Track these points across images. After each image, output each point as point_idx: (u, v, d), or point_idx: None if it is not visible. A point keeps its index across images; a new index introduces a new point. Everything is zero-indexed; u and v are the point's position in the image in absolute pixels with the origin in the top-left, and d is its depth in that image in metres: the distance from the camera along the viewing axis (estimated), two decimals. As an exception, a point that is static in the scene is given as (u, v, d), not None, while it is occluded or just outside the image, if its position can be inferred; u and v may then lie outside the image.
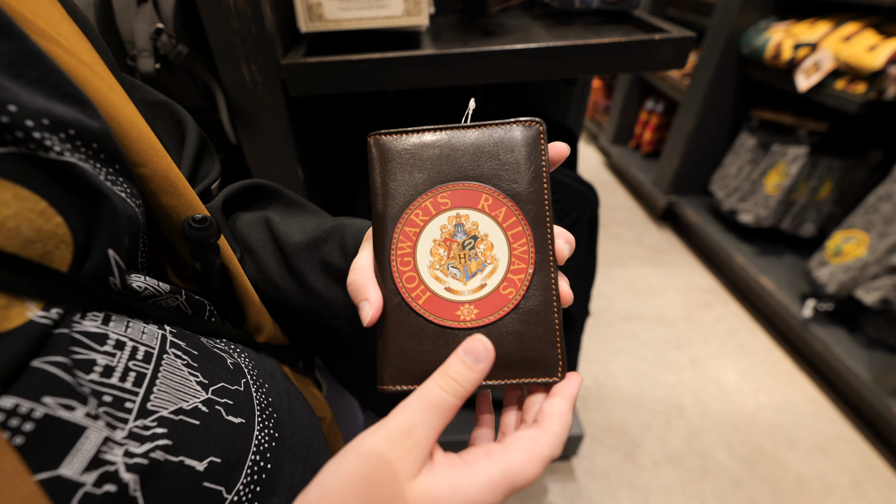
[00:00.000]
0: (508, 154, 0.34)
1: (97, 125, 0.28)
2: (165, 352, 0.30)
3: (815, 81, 1.55)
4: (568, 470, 1.37)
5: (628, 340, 1.80)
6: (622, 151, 2.91)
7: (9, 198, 0.22)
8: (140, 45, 0.60)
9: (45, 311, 0.24)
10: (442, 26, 0.84)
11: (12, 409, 0.21)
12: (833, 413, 1.52)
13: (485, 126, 0.35)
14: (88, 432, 0.23)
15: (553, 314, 0.33)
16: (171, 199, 0.35)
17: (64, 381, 0.23)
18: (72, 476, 0.22)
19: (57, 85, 0.26)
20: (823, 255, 1.60)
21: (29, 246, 0.23)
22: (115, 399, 0.25)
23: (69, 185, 0.25)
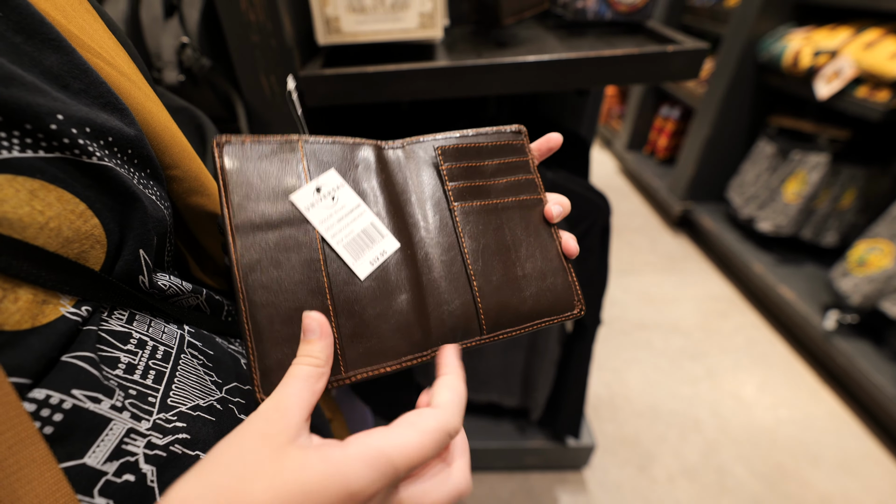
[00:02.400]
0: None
1: (133, 132, 0.31)
2: (183, 352, 0.32)
3: (835, 89, 1.55)
4: (579, 481, 1.37)
5: (642, 349, 1.79)
6: (637, 157, 2.92)
7: (53, 200, 0.25)
8: (166, 57, 0.64)
9: (77, 307, 0.26)
10: (456, 37, 0.86)
11: (44, 400, 0.23)
12: (858, 429, 1.48)
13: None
14: (113, 424, 0.25)
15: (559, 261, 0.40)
16: (201, 198, 0.39)
17: (92, 375, 0.25)
18: (95, 465, 0.24)
19: (99, 95, 0.29)
20: (846, 265, 1.58)
21: (67, 245, 0.26)
22: (139, 393, 0.28)
23: (106, 188, 0.28)
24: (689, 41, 0.74)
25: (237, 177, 0.32)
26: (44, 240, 0.24)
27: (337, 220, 0.34)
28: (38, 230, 0.24)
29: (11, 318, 0.23)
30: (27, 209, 0.24)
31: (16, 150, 0.24)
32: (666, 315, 1.95)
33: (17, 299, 0.23)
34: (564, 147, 1.10)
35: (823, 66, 1.58)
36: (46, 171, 0.25)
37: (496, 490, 1.35)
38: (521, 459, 1.36)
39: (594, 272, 1.03)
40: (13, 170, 0.23)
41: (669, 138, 2.70)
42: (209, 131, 0.48)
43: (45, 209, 0.24)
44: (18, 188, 0.23)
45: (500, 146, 0.42)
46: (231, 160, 0.32)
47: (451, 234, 0.38)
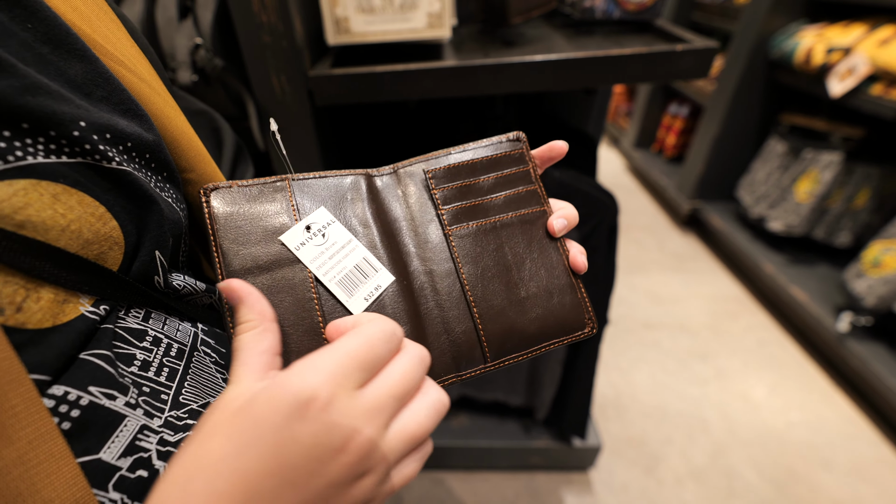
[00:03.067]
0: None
1: (152, 137, 0.33)
2: (196, 349, 0.34)
3: (849, 86, 1.54)
4: (585, 482, 1.38)
5: (649, 349, 1.79)
6: (644, 155, 2.92)
7: (74, 203, 0.26)
8: (180, 58, 0.66)
9: (95, 307, 0.27)
10: (464, 37, 0.88)
11: (62, 396, 0.24)
12: (872, 434, 1.47)
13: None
14: (127, 420, 0.26)
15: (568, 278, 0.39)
16: None
17: (108, 372, 0.26)
18: (109, 460, 0.25)
19: (120, 101, 0.31)
20: (860, 266, 1.56)
21: (87, 247, 0.27)
22: (153, 391, 0.29)
23: (124, 192, 0.29)
24: (699, 40, 0.75)
25: (226, 222, 0.33)
26: (65, 242, 0.26)
27: (328, 258, 0.34)
28: (60, 232, 0.25)
29: (34, 318, 0.24)
30: (50, 212, 0.25)
31: (40, 155, 0.25)
32: (673, 315, 1.95)
33: (39, 299, 0.24)
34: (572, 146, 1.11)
35: (837, 63, 1.58)
36: (69, 175, 0.26)
37: (501, 490, 1.36)
38: (527, 459, 1.37)
39: (601, 271, 1.04)
40: (38, 175, 0.25)
41: (678, 136, 2.70)
42: (226, 134, 0.50)
43: (67, 212, 0.26)
44: (42, 192, 0.25)
45: (496, 158, 0.40)
46: (219, 207, 0.33)
47: (447, 259, 0.37)
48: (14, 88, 0.24)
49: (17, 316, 0.23)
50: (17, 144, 0.24)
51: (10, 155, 0.24)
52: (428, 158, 0.40)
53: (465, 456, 1.35)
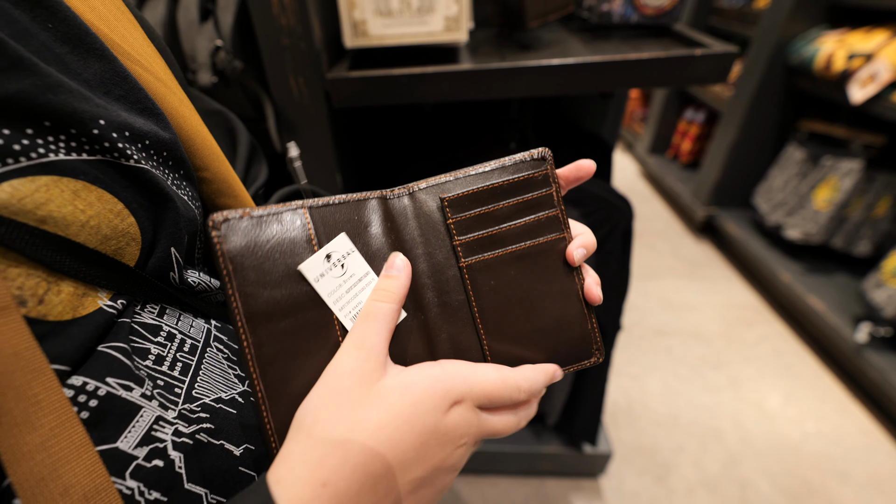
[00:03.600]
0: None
1: (168, 136, 0.33)
2: (209, 345, 0.34)
3: (870, 93, 1.52)
4: (595, 489, 1.36)
5: (662, 356, 1.77)
6: (659, 161, 2.90)
7: (94, 200, 0.27)
8: (200, 60, 0.67)
9: (112, 301, 0.28)
10: (480, 40, 0.88)
11: (81, 386, 0.25)
12: (890, 447, 1.44)
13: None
14: (143, 411, 0.27)
15: (580, 307, 0.38)
16: (228, 199, 0.40)
17: (125, 364, 0.27)
18: (126, 449, 0.25)
19: (137, 101, 0.32)
20: (880, 275, 1.54)
21: (106, 242, 0.27)
22: (167, 384, 0.30)
23: (142, 189, 0.30)
24: (718, 44, 0.74)
25: (242, 261, 0.30)
26: (85, 237, 0.26)
27: (346, 291, 0.33)
28: (80, 228, 0.26)
29: (55, 310, 0.25)
30: (70, 208, 0.25)
31: (62, 153, 0.26)
32: (687, 322, 1.93)
33: (59, 292, 0.25)
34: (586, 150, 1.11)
35: (858, 69, 1.56)
36: (88, 172, 0.27)
37: (510, 494, 1.35)
38: (537, 464, 1.36)
39: (615, 276, 1.03)
40: (59, 171, 0.25)
41: (693, 142, 2.67)
42: (241, 134, 0.51)
43: (87, 208, 0.26)
44: (63, 189, 0.25)
45: (518, 182, 0.37)
46: (233, 243, 0.29)
47: (461, 292, 0.36)
48: (37, 87, 0.24)
49: (39, 308, 0.24)
50: (39, 142, 0.25)
51: (33, 152, 0.24)
52: (446, 180, 0.37)
53: (474, 459, 1.35)
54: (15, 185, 0.23)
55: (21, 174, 0.24)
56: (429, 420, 0.28)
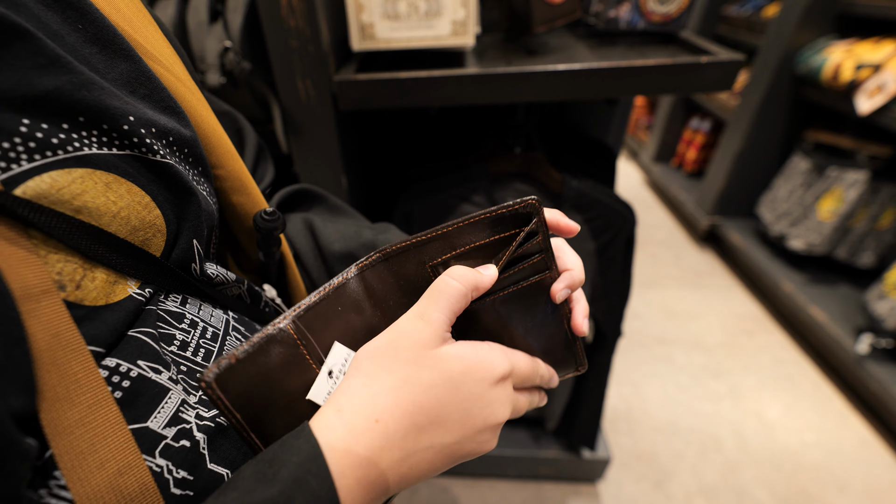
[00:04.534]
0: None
1: (189, 134, 0.34)
2: (228, 334, 0.35)
3: (878, 104, 1.51)
4: (593, 494, 1.36)
5: (662, 364, 1.77)
6: (664, 170, 2.88)
7: (124, 192, 0.28)
8: (209, 60, 0.67)
9: (141, 289, 0.29)
10: (486, 45, 0.88)
11: (114, 367, 0.26)
12: (889, 458, 1.44)
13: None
14: (171, 394, 0.28)
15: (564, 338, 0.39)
16: (242, 196, 0.41)
17: (153, 349, 0.28)
18: (156, 429, 0.27)
19: (161, 100, 0.33)
20: (883, 287, 1.53)
21: (134, 233, 0.29)
22: (190, 369, 0.31)
23: (167, 183, 0.31)
24: (724, 52, 0.73)
25: (247, 409, 0.28)
26: (115, 227, 0.27)
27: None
28: (112, 218, 0.27)
29: (90, 295, 0.26)
30: (103, 199, 0.27)
31: (94, 147, 0.27)
32: (688, 330, 1.92)
33: (94, 279, 0.26)
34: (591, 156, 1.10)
35: (866, 80, 1.55)
36: (119, 166, 0.28)
37: (508, 498, 1.35)
38: (535, 469, 1.36)
39: (616, 283, 1.03)
40: (93, 164, 0.26)
41: (698, 151, 2.66)
42: (248, 134, 0.51)
43: (118, 200, 0.28)
44: (96, 181, 0.26)
45: (504, 238, 0.34)
46: (233, 393, 0.28)
47: None
48: (73, 84, 0.26)
49: (77, 293, 0.25)
50: (74, 136, 0.26)
51: (70, 146, 0.26)
52: (427, 240, 0.34)
53: (473, 463, 1.35)
54: (54, 176, 0.25)
55: (59, 166, 0.25)
56: (475, 389, 0.30)
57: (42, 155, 0.24)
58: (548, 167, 0.95)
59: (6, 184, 0.23)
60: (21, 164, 0.24)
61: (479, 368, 0.31)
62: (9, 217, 0.23)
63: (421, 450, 0.29)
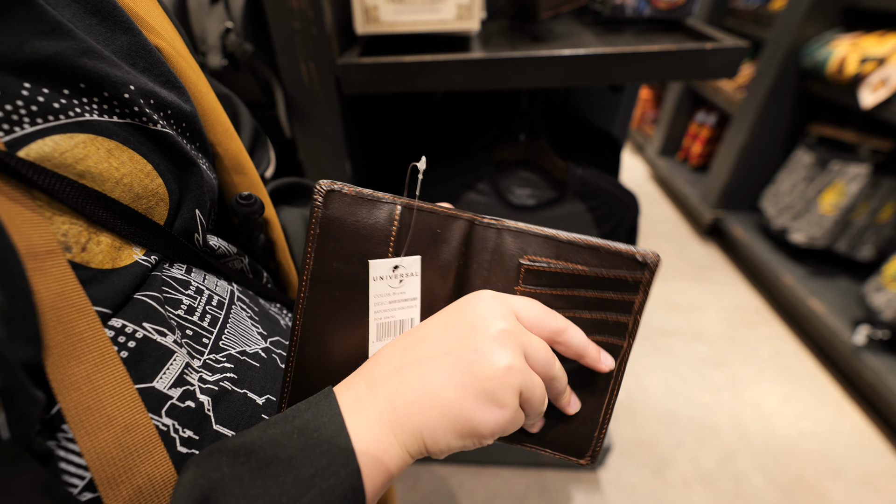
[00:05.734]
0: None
1: (189, 109, 0.34)
2: (234, 303, 0.35)
3: (881, 98, 1.47)
4: (594, 481, 1.35)
5: (664, 355, 1.75)
6: (669, 164, 2.83)
7: (126, 159, 0.28)
8: (210, 42, 0.65)
9: (147, 256, 0.29)
10: (492, 31, 0.85)
11: (120, 328, 0.26)
12: (882, 446, 1.43)
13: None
14: (175, 356, 0.28)
15: (601, 408, 0.35)
16: (239, 176, 0.40)
17: (159, 312, 0.28)
18: (162, 389, 0.26)
19: (161, 73, 0.32)
20: (881, 279, 1.51)
21: (137, 201, 0.28)
22: (195, 334, 0.30)
23: (168, 153, 0.31)
24: (729, 39, 0.71)
25: (328, 230, 0.31)
26: (119, 193, 0.27)
27: (388, 302, 0.33)
28: (115, 184, 0.27)
29: (96, 258, 0.26)
30: (105, 165, 0.26)
31: (95, 113, 0.27)
32: (690, 323, 1.90)
33: (99, 242, 0.26)
34: (596, 146, 1.08)
35: (870, 73, 1.50)
36: (119, 133, 0.28)
37: (511, 484, 1.35)
38: (537, 456, 1.35)
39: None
40: (94, 130, 0.26)
41: (704, 145, 2.61)
42: (244, 118, 0.50)
43: (120, 166, 0.27)
44: (98, 147, 0.26)
45: (607, 279, 0.32)
46: (328, 211, 0.31)
47: None
48: (74, 50, 0.25)
49: (83, 255, 0.25)
50: (75, 102, 0.26)
51: (71, 111, 0.25)
52: (538, 234, 0.33)
53: (476, 451, 1.33)
54: (56, 140, 0.24)
55: (60, 131, 0.25)
56: (460, 312, 0.31)
57: (44, 119, 0.24)
58: (552, 155, 0.93)
59: (9, 146, 0.23)
60: (24, 127, 0.23)
61: (467, 305, 0.31)
62: (12, 177, 0.23)
63: (409, 363, 0.29)
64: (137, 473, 0.24)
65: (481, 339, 0.28)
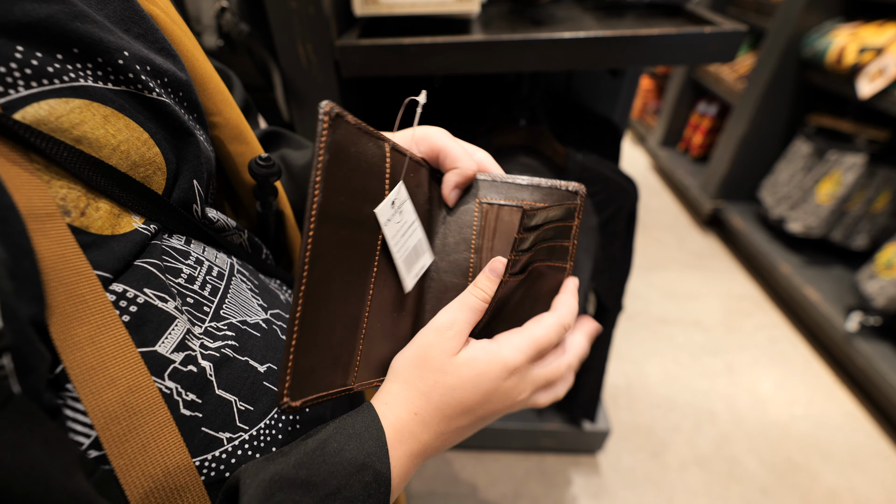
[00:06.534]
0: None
1: (185, 77, 0.33)
2: (234, 275, 0.34)
3: (878, 87, 1.44)
4: (593, 465, 1.35)
5: (663, 343, 1.75)
6: (670, 154, 2.80)
7: (122, 126, 0.27)
8: (205, 21, 0.63)
9: (146, 224, 0.28)
10: (492, 15, 0.84)
11: (121, 293, 0.25)
12: (871, 429, 1.44)
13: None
14: (177, 321, 0.27)
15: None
16: (240, 146, 0.39)
17: (159, 278, 0.27)
18: (164, 353, 0.26)
19: (155, 40, 0.31)
20: (873, 267, 1.51)
21: (135, 169, 0.28)
22: (196, 302, 0.30)
23: (164, 122, 0.30)
24: (728, 23, 0.69)
25: (337, 157, 0.28)
26: (116, 161, 0.26)
27: (401, 236, 0.33)
28: (112, 151, 0.26)
29: (95, 224, 0.25)
30: (102, 131, 0.26)
31: (90, 79, 0.26)
32: (689, 311, 1.90)
33: (98, 208, 0.26)
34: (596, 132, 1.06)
35: (868, 63, 1.48)
36: (115, 100, 0.27)
37: (512, 469, 1.35)
38: (537, 441, 1.35)
39: (618, 257, 1.00)
40: (89, 96, 0.25)
41: (705, 136, 2.58)
42: (236, 91, 0.49)
43: (117, 133, 0.26)
44: (94, 113, 0.25)
45: (553, 209, 0.35)
46: (336, 135, 0.27)
47: (464, 275, 0.38)
48: (65, 14, 0.25)
49: (82, 219, 0.25)
50: (69, 67, 0.25)
51: (65, 75, 0.25)
52: (487, 180, 0.38)
53: (478, 436, 1.34)
54: (52, 104, 0.24)
55: (55, 95, 0.24)
56: (490, 386, 0.32)
57: (38, 83, 0.23)
58: (552, 140, 0.91)
59: (4, 108, 0.22)
60: (18, 90, 0.23)
61: (490, 369, 0.32)
62: (9, 139, 0.22)
63: (452, 430, 0.32)
64: (142, 433, 0.24)
65: (515, 404, 0.34)
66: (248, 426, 0.30)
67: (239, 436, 0.29)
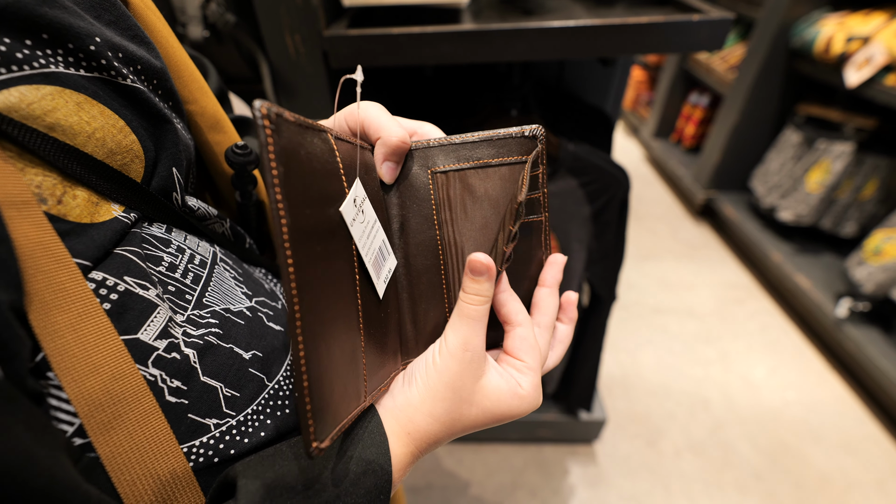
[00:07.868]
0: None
1: (159, 65, 0.31)
2: (217, 263, 0.33)
3: (865, 76, 1.44)
4: (589, 454, 1.36)
5: (657, 333, 1.75)
6: (663, 145, 2.80)
7: (96, 113, 0.26)
8: (190, 12, 0.62)
9: (126, 213, 0.27)
10: (483, 5, 0.82)
11: (101, 281, 0.24)
12: (861, 413, 1.46)
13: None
14: (159, 309, 0.27)
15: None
16: (217, 134, 0.38)
17: (140, 266, 0.27)
18: (147, 340, 0.26)
19: (128, 27, 0.30)
20: (862, 254, 1.51)
21: (112, 156, 0.27)
22: (178, 290, 0.29)
23: (140, 109, 0.29)
24: (715, 11, 0.68)
25: (290, 166, 0.23)
26: (91, 148, 0.25)
27: (366, 237, 0.31)
28: (87, 138, 0.25)
29: (73, 212, 0.24)
30: (76, 118, 0.25)
31: (61, 66, 0.25)
32: (682, 300, 1.90)
33: (75, 196, 0.25)
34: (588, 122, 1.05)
35: (855, 52, 1.48)
36: (88, 87, 0.26)
37: (510, 460, 1.35)
38: (535, 431, 1.35)
39: (611, 246, 0.99)
40: (61, 83, 0.24)
41: (697, 126, 2.58)
42: (212, 79, 0.47)
43: (91, 120, 0.26)
44: (67, 100, 0.25)
45: (512, 163, 0.33)
46: (283, 140, 0.23)
47: (429, 257, 0.36)
48: None
49: (59, 207, 0.24)
50: (38, 53, 0.24)
51: (35, 62, 0.24)
52: (434, 146, 0.35)
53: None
54: (22, 90, 0.23)
55: (26, 81, 0.23)
56: (505, 413, 0.32)
57: (7, 69, 0.23)
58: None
59: None
60: None
61: (510, 404, 0.32)
62: None
63: (455, 434, 0.32)
64: (128, 420, 0.24)
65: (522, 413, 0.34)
66: (235, 412, 0.29)
67: (226, 421, 0.29)
